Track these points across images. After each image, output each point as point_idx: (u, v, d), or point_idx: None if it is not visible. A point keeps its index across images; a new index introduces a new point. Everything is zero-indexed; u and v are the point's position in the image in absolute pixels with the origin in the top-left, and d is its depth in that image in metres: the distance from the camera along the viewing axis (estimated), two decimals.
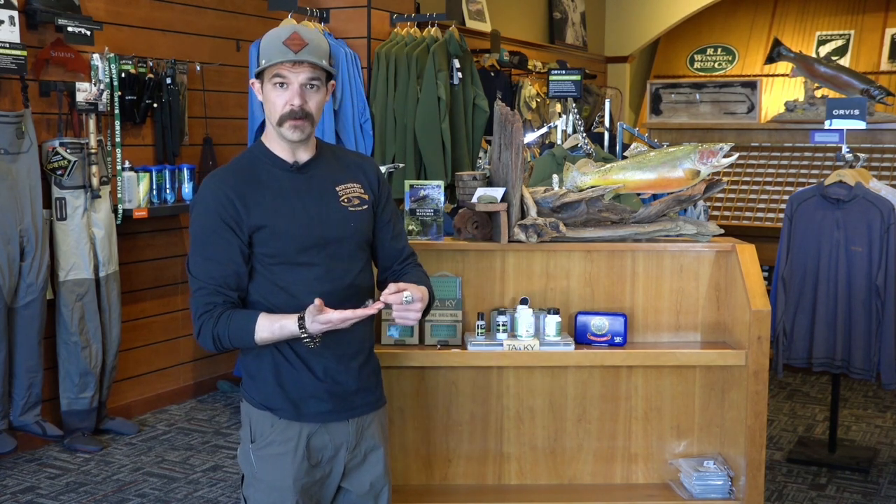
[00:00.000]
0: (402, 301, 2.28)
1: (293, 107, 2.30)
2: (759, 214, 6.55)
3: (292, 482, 2.36)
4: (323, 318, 2.21)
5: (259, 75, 2.35)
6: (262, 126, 5.20)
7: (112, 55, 4.89)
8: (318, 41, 2.33)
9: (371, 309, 2.25)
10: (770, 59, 7.25)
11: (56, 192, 4.63)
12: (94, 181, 4.70)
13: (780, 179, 6.68)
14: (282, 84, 2.30)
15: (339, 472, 2.45)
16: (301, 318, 2.24)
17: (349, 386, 2.42)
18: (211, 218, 2.30)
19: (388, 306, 2.30)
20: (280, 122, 2.32)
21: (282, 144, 2.37)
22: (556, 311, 3.16)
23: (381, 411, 2.53)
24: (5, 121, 4.37)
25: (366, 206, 2.45)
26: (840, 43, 9.22)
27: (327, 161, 2.44)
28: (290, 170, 2.38)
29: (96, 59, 4.83)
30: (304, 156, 2.39)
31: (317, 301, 2.22)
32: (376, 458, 2.49)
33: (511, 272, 3.30)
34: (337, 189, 2.41)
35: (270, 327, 2.27)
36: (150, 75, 5.12)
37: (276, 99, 2.31)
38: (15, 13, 4.38)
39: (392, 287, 2.30)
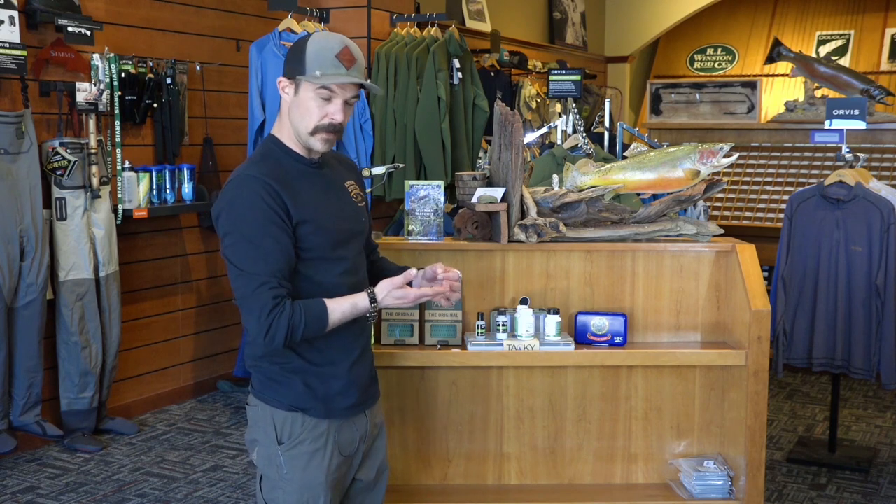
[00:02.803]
0: (457, 278, 2.47)
1: (333, 121, 2.31)
2: (759, 214, 6.55)
3: (325, 478, 2.39)
4: (400, 293, 2.32)
5: (293, 77, 2.32)
6: (262, 126, 5.25)
7: (112, 55, 4.89)
8: (362, 57, 2.37)
9: (441, 287, 2.41)
10: (770, 59, 7.25)
11: (56, 192, 4.63)
12: (94, 181, 4.70)
13: (780, 179, 6.68)
14: (327, 98, 2.30)
15: (358, 463, 2.51)
16: (372, 294, 2.32)
17: (366, 378, 2.50)
18: (262, 212, 2.25)
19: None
20: (313, 132, 2.32)
21: (297, 142, 2.37)
22: (556, 311, 3.16)
23: (380, 398, 2.63)
24: (5, 121, 4.37)
25: (364, 203, 2.54)
26: (840, 43, 9.22)
27: (330, 159, 2.49)
28: (310, 165, 2.39)
29: (96, 59, 4.83)
30: (315, 153, 2.41)
31: (413, 270, 2.39)
32: (381, 443, 2.59)
33: (511, 272, 3.30)
34: (346, 185, 2.48)
35: (341, 309, 2.30)
36: (150, 75, 5.12)
37: (315, 109, 2.30)
38: (15, 13, 4.38)
39: (439, 269, 2.47)
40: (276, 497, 2.40)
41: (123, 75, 4.96)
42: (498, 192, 3.13)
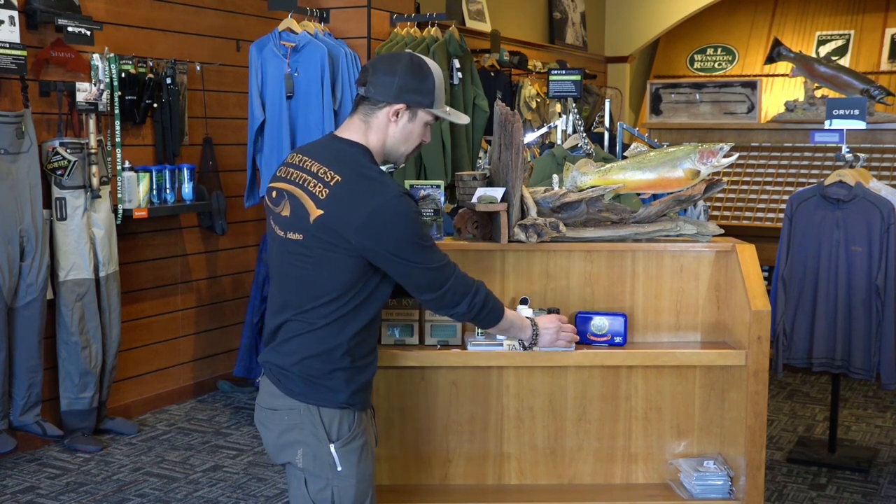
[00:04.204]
0: None
1: (424, 143, 2.56)
2: (759, 214, 6.55)
3: (373, 470, 2.52)
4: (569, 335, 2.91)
5: (418, 107, 2.48)
6: (263, 126, 5.24)
7: (112, 55, 4.89)
8: None
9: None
10: (770, 59, 7.25)
11: (56, 192, 4.63)
12: (94, 181, 4.70)
13: (780, 179, 6.68)
14: (429, 124, 2.53)
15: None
16: (535, 328, 2.77)
17: None
18: (421, 221, 2.48)
19: None
20: (413, 150, 2.54)
21: (379, 156, 2.51)
22: (556, 311, 3.16)
23: None
24: (5, 121, 4.37)
25: None
26: (840, 43, 9.22)
27: None
28: None
29: (96, 59, 4.83)
30: None
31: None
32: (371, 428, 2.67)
33: (511, 272, 3.30)
34: None
35: (514, 316, 2.69)
36: (150, 75, 5.12)
37: (421, 134, 2.53)
38: (15, 13, 4.38)
39: None
40: (328, 496, 2.42)
41: (123, 75, 4.96)
42: (498, 192, 3.13)
